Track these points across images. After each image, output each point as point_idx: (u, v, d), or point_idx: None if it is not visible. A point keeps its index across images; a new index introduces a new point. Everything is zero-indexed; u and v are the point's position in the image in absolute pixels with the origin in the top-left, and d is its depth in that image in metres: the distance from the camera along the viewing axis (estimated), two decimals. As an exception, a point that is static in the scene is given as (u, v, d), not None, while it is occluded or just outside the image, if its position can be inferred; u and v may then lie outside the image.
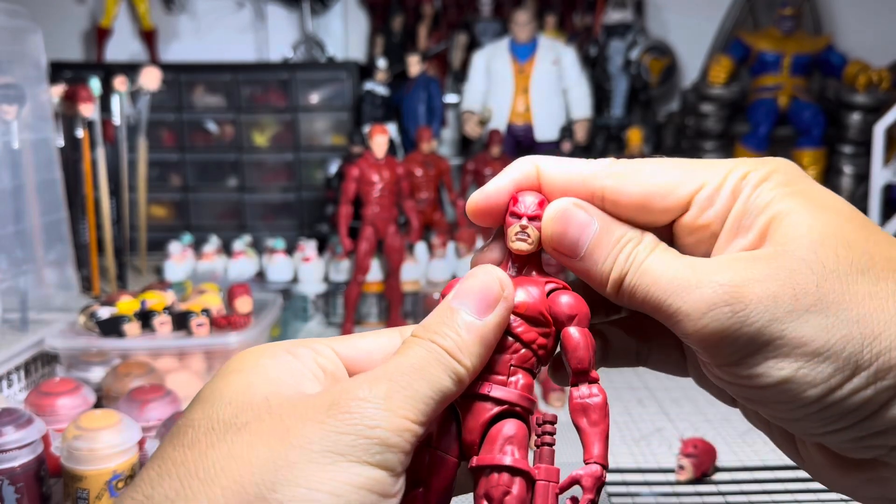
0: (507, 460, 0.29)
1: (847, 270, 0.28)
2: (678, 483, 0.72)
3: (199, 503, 0.25)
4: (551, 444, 0.31)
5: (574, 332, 0.31)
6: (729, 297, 0.28)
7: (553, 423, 0.31)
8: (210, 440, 0.27)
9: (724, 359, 0.29)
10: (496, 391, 0.30)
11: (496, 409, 0.30)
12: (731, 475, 0.74)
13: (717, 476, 0.73)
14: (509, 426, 0.30)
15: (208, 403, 0.28)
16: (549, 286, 0.32)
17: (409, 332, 0.31)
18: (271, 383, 0.29)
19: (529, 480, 0.29)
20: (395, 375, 0.27)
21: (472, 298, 0.30)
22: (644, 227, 0.32)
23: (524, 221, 0.32)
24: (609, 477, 0.73)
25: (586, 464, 0.30)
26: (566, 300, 0.31)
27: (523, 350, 0.31)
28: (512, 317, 0.31)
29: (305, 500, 0.25)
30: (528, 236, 0.32)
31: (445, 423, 0.31)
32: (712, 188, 0.31)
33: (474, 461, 0.30)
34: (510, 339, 0.31)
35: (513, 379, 0.31)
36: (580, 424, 0.31)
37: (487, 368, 0.30)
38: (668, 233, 0.32)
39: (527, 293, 0.31)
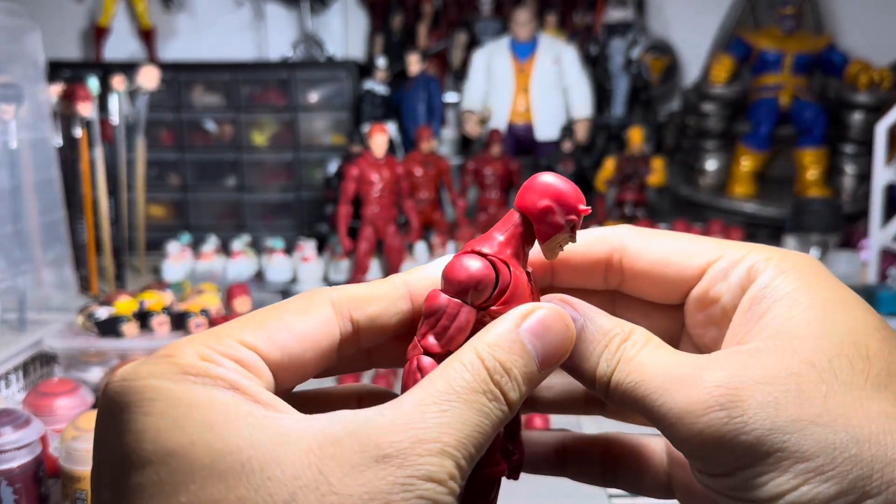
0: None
1: (862, 384, 0.25)
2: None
3: None
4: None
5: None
6: (725, 399, 0.25)
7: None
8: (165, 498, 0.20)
9: (719, 468, 0.26)
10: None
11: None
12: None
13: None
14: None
15: (151, 441, 0.21)
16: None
17: (339, 296, 0.26)
18: (200, 407, 0.21)
19: None
20: (444, 420, 0.23)
21: (545, 347, 0.26)
22: (656, 303, 0.30)
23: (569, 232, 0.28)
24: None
25: None
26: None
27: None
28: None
29: None
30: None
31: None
32: (730, 261, 0.29)
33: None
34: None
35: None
36: None
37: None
38: (678, 318, 0.30)
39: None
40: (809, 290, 0.27)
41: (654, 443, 0.34)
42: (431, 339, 0.26)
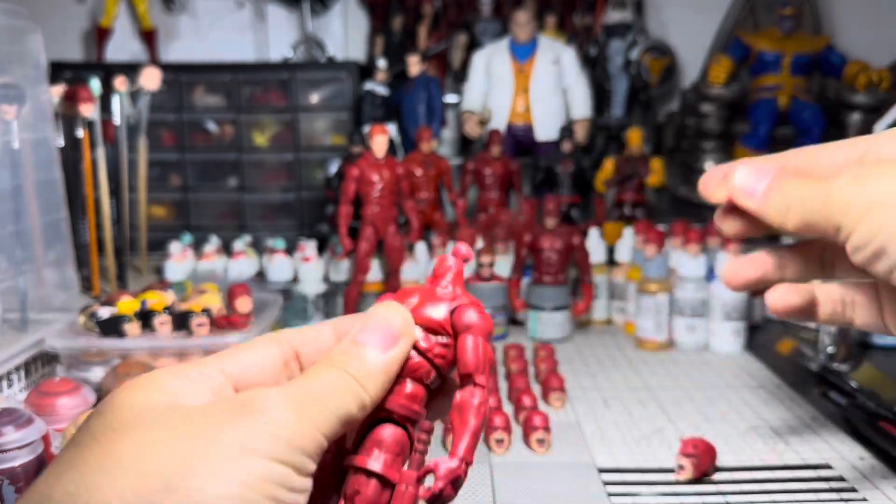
0: (368, 463, 0.31)
1: None
2: (678, 483, 0.72)
3: (104, 495, 0.25)
4: (423, 452, 0.32)
5: (466, 339, 0.33)
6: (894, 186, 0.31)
7: (429, 432, 0.33)
8: (112, 438, 0.27)
9: None
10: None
11: (377, 414, 0.32)
12: (731, 475, 0.74)
13: (717, 476, 0.73)
14: (384, 431, 0.32)
15: (107, 412, 0.28)
16: (457, 302, 0.34)
17: (287, 334, 0.34)
18: (172, 394, 0.29)
19: (387, 484, 0.31)
20: (304, 392, 0.29)
21: (377, 335, 0.32)
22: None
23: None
24: (609, 477, 0.73)
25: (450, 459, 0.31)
26: (467, 313, 0.33)
27: (417, 359, 0.33)
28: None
29: (215, 489, 0.25)
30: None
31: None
32: (880, 143, 0.35)
33: (346, 461, 0.32)
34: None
35: (397, 387, 0.32)
36: (453, 421, 0.32)
37: None
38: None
39: (434, 307, 0.33)
40: None
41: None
42: None
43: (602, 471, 0.75)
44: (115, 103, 1.32)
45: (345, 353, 0.32)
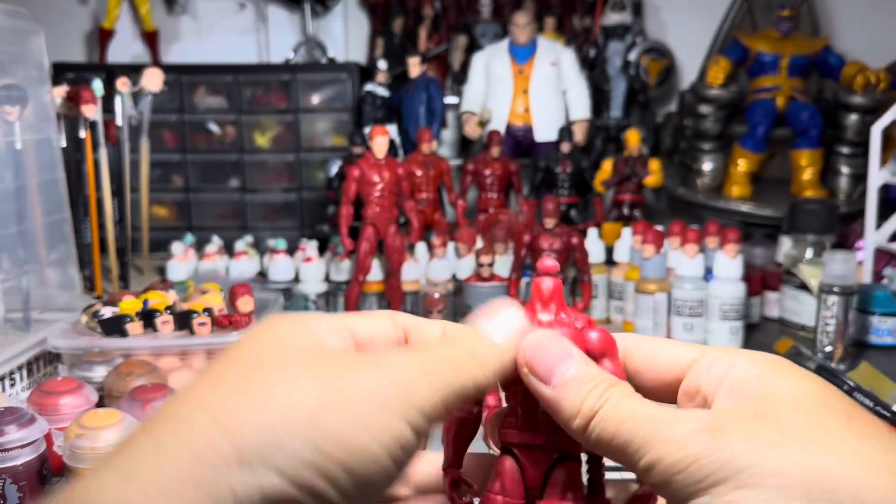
0: None
1: (837, 428, 0.27)
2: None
3: (252, 422, 0.26)
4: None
5: (604, 364, 0.33)
6: (708, 425, 0.27)
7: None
8: (260, 369, 0.28)
9: (695, 486, 0.27)
10: (550, 440, 0.33)
11: (554, 456, 0.33)
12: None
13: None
14: (565, 471, 0.33)
15: (254, 345, 0.29)
16: (578, 324, 0.34)
17: (401, 317, 0.34)
18: (318, 336, 0.30)
19: None
20: (431, 362, 0.30)
21: (495, 325, 0.33)
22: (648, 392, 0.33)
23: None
24: (609, 476, 0.73)
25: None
26: (595, 337, 0.33)
27: None
28: None
29: (354, 438, 0.26)
30: None
31: (511, 471, 0.34)
32: (712, 358, 0.32)
33: None
34: None
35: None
36: None
37: (536, 419, 0.33)
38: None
39: (581, 336, 0.33)
40: (781, 371, 0.30)
41: None
42: None
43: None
44: (118, 104, 1.33)
45: (465, 335, 0.32)
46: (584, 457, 0.34)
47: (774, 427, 0.27)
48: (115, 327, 0.93)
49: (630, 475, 0.32)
